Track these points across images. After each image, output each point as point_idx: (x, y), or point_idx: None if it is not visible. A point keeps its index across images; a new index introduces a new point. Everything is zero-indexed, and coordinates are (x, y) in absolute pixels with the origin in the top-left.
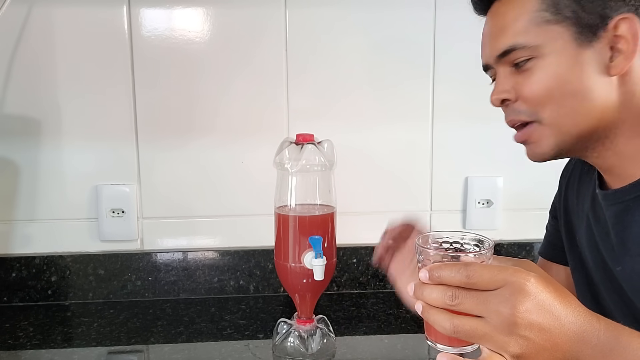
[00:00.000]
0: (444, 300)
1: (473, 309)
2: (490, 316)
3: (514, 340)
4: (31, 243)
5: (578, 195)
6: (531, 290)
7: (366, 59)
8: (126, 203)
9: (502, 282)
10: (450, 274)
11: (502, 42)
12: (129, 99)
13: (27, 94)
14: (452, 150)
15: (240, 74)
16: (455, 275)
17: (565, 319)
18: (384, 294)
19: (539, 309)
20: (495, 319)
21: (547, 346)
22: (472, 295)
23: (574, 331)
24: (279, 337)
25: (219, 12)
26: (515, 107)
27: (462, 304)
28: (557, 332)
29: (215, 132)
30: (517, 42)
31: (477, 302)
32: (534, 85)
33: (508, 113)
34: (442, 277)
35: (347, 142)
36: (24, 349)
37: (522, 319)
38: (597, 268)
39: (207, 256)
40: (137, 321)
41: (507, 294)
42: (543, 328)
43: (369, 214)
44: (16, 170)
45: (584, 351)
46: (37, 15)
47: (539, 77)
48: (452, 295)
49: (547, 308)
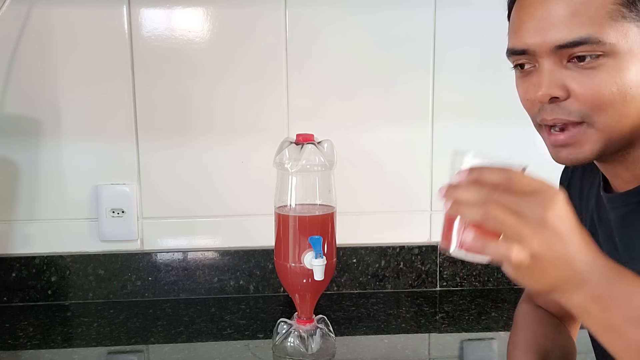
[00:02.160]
0: (478, 196)
1: (510, 202)
2: (522, 211)
3: (537, 239)
4: (31, 243)
5: (581, 196)
6: (563, 203)
7: (366, 59)
8: (126, 203)
9: (538, 187)
10: (490, 173)
11: (574, 31)
12: (129, 99)
13: (27, 94)
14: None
15: (240, 73)
16: (497, 174)
17: (582, 242)
18: (384, 294)
19: (567, 222)
20: (528, 215)
21: (561, 257)
22: (508, 194)
23: (587, 256)
24: (279, 337)
25: (219, 12)
26: (565, 105)
27: (500, 198)
28: (573, 249)
29: (215, 132)
30: (592, 35)
31: (513, 200)
32: (597, 86)
33: (552, 111)
34: (482, 175)
35: (347, 142)
36: (24, 349)
37: (551, 222)
38: None
39: (207, 256)
40: (137, 321)
41: (542, 198)
42: (564, 240)
43: (369, 214)
44: (16, 170)
45: (590, 277)
46: (37, 15)
47: (603, 78)
48: (488, 192)
49: (571, 225)
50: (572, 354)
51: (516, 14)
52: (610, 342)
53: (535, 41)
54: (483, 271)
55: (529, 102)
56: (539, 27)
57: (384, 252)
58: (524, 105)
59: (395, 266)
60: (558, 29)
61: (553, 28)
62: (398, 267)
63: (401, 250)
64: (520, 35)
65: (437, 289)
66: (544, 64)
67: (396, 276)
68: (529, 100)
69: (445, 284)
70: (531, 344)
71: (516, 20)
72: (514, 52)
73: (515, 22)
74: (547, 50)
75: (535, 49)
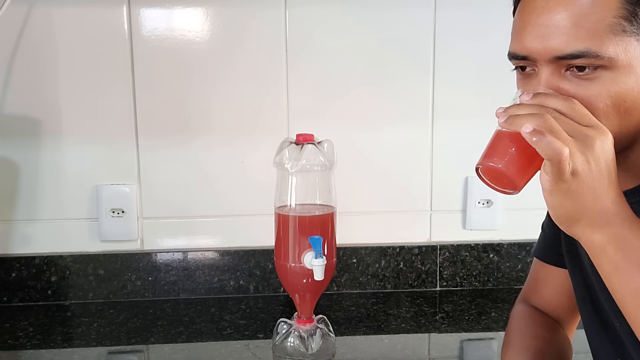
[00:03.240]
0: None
1: (566, 125)
2: (576, 132)
3: (582, 158)
4: (31, 243)
5: None
6: (611, 142)
7: (366, 59)
8: (126, 203)
9: (594, 123)
10: (555, 98)
11: (573, 44)
12: (129, 99)
13: (27, 94)
14: (452, 150)
15: (241, 73)
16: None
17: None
18: (384, 294)
19: (608, 159)
20: (579, 136)
21: (596, 187)
22: (566, 118)
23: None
24: (279, 337)
25: (219, 12)
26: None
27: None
28: (606, 185)
29: (216, 132)
30: (591, 49)
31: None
32: (591, 98)
33: None
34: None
35: (347, 142)
36: (24, 349)
37: (597, 149)
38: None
39: (207, 256)
40: (137, 321)
41: (595, 130)
42: (602, 172)
43: (369, 214)
44: (16, 170)
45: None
46: (37, 15)
47: (599, 90)
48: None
49: (611, 165)
50: (568, 355)
51: (519, 17)
52: (619, 285)
53: (536, 48)
54: (483, 271)
55: None
56: (540, 35)
57: (384, 252)
58: None
59: (395, 266)
60: (558, 40)
61: (553, 38)
62: (398, 267)
63: (401, 250)
64: (521, 40)
65: (437, 289)
66: (542, 71)
67: (396, 276)
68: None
69: (445, 284)
70: (525, 345)
71: (519, 24)
72: (515, 57)
73: (518, 26)
74: (546, 59)
75: (535, 56)
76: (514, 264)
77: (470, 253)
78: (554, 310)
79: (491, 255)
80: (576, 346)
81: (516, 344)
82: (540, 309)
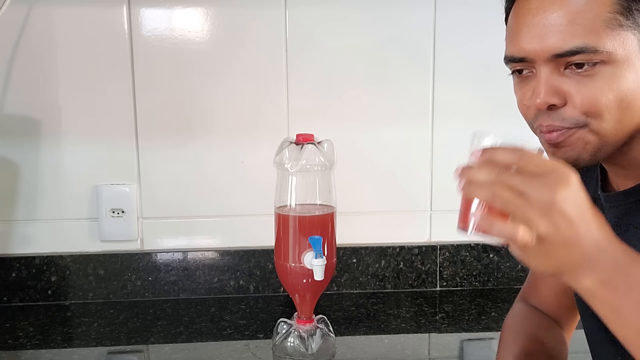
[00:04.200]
0: (490, 176)
1: (518, 184)
2: (531, 193)
3: (545, 221)
4: (31, 243)
5: None
6: (574, 185)
7: (366, 59)
8: (126, 203)
9: (550, 168)
10: (503, 152)
11: (571, 41)
12: (129, 99)
13: (27, 94)
14: (452, 150)
15: (241, 73)
16: (509, 155)
17: (593, 225)
18: (384, 294)
19: (576, 204)
20: (536, 197)
21: (569, 241)
22: (518, 174)
23: (598, 239)
24: (279, 337)
25: (218, 12)
26: (561, 112)
27: (509, 179)
28: (582, 232)
29: (215, 132)
30: (589, 45)
31: (523, 180)
32: (593, 94)
33: (549, 117)
34: (495, 154)
35: (347, 142)
36: (24, 349)
37: (559, 204)
38: None
39: (207, 256)
40: (137, 321)
41: (552, 180)
42: (573, 223)
43: (369, 214)
44: (16, 170)
45: (600, 261)
46: (37, 15)
47: (600, 85)
48: (500, 172)
49: (583, 207)
50: (561, 356)
51: (513, 20)
52: (619, 328)
53: (533, 48)
54: (483, 271)
55: (526, 108)
56: (537, 35)
57: (384, 252)
58: (521, 110)
59: (395, 266)
60: (555, 38)
61: (550, 36)
62: (398, 267)
63: (401, 250)
64: (517, 42)
65: (437, 289)
66: (541, 71)
67: (396, 276)
68: (526, 105)
69: (445, 284)
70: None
71: (514, 27)
72: (512, 60)
73: (512, 29)
74: (545, 58)
75: (533, 56)
76: (514, 264)
77: (470, 253)
78: (552, 310)
79: (491, 255)
80: (576, 346)
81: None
82: (539, 308)
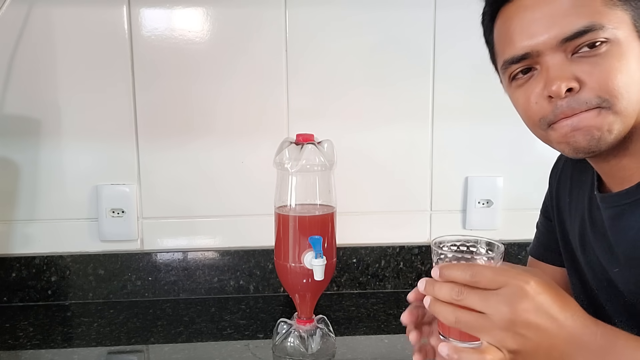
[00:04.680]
0: (451, 296)
1: (476, 305)
2: (490, 312)
3: (510, 337)
4: (31, 243)
5: (571, 195)
6: (530, 291)
7: (366, 59)
8: (126, 203)
9: (503, 282)
10: (457, 272)
11: (576, 22)
12: (129, 99)
13: (27, 94)
14: (452, 150)
15: (240, 74)
16: (462, 274)
17: (563, 321)
18: (384, 294)
19: (537, 310)
20: (495, 316)
21: (543, 345)
22: (475, 293)
23: (571, 333)
24: (279, 337)
25: (219, 12)
26: (580, 96)
27: (466, 300)
28: (553, 333)
29: (215, 132)
30: (595, 22)
31: (480, 299)
32: (606, 71)
33: (569, 104)
34: (451, 275)
35: (347, 142)
36: (24, 349)
37: (519, 317)
38: (590, 269)
39: (207, 256)
40: (137, 321)
41: (507, 294)
42: (540, 328)
43: (369, 214)
44: (16, 170)
45: (580, 353)
46: (37, 15)
47: (611, 63)
48: (459, 292)
49: (545, 309)
50: None
51: (507, 24)
52: None
53: (542, 39)
54: None
55: (538, 107)
56: (542, 25)
57: (384, 252)
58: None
59: (395, 266)
60: (562, 22)
61: (557, 22)
62: (398, 267)
63: (401, 250)
64: (520, 40)
65: None
66: (550, 61)
67: (396, 276)
68: (537, 104)
69: None
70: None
71: (510, 29)
72: (514, 60)
73: (509, 31)
74: (554, 46)
75: (541, 47)
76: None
77: None
78: None
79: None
80: None
81: None
82: None
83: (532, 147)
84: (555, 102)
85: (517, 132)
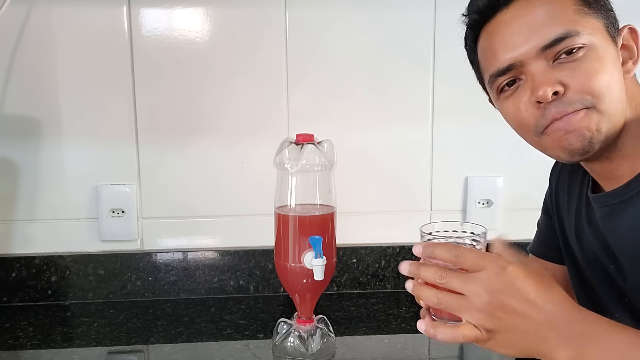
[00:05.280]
0: (434, 278)
1: (457, 287)
2: (469, 294)
3: (487, 317)
4: (31, 243)
5: (568, 193)
6: (508, 275)
7: (366, 59)
8: (126, 203)
9: (483, 266)
10: (441, 251)
11: (553, 30)
12: (129, 99)
13: (27, 94)
14: (452, 150)
15: (241, 74)
16: (446, 254)
17: (541, 306)
18: (384, 294)
19: (513, 293)
20: (473, 297)
21: (518, 327)
22: (457, 276)
23: (549, 319)
24: (279, 337)
25: (219, 12)
26: (566, 99)
27: (448, 283)
28: (530, 316)
29: (215, 132)
30: (571, 29)
31: (460, 282)
32: (587, 74)
33: (557, 107)
34: (435, 253)
35: (347, 142)
36: (24, 349)
37: (496, 299)
38: (588, 265)
39: (207, 256)
40: (137, 321)
41: (485, 277)
42: (517, 311)
43: (369, 214)
44: (16, 170)
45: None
46: (37, 15)
47: (590, 65)
48: (442, 275)
49: (522, 293)
50: None
51: (490, 40)
52: None
53: (523, 50)
54: None
55: (528, 114)
56: (522, 37)
57: (384, 252)
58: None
59: (395, 266)
60: (539, 32)
61: (534, 33)
62: (398, 267)
63: (401, 250)
64: (503, 53)
65: None
66: (533, 69)
67: (396, 276)
68: (527, 112)
69: None
70: None
71: (493, 44)
72: (499, 73)
73: (492, 47)
74: (535, 55)
75: (523, 57)
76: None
77: None
78: None
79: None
80: None
81: None
82: None
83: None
84: (544, 107)
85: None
